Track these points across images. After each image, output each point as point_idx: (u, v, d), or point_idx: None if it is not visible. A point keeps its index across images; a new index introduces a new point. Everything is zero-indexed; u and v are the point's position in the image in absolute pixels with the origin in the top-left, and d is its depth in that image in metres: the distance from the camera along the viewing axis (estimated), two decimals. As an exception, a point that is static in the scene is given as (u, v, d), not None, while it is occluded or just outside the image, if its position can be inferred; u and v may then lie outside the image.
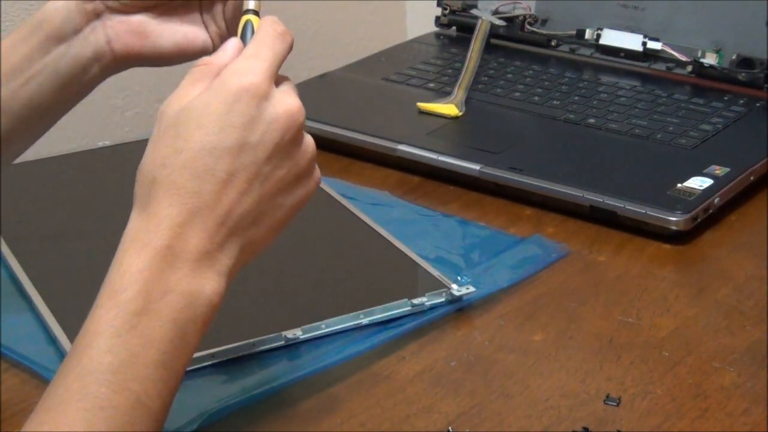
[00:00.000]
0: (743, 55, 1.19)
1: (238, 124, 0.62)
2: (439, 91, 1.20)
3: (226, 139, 0.62)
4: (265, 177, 0.64)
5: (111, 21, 0.76)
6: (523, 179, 1.02)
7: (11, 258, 0.91)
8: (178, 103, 0.63)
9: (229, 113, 0.62)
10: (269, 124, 0.63)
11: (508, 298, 0.88)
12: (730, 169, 1.02)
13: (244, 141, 0.62)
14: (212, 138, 0.62)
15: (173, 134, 0.62)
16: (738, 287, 0.89)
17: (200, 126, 0.62)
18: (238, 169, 0.62)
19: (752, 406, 0.75)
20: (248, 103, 0.63)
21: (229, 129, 0.62)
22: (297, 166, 0.65)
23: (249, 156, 0.63)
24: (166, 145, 0.62)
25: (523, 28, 1.31)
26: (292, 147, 0.65)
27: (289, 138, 0.64)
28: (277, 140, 0.63)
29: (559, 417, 0.75)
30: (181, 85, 0.65)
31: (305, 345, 0.82)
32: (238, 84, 0.63)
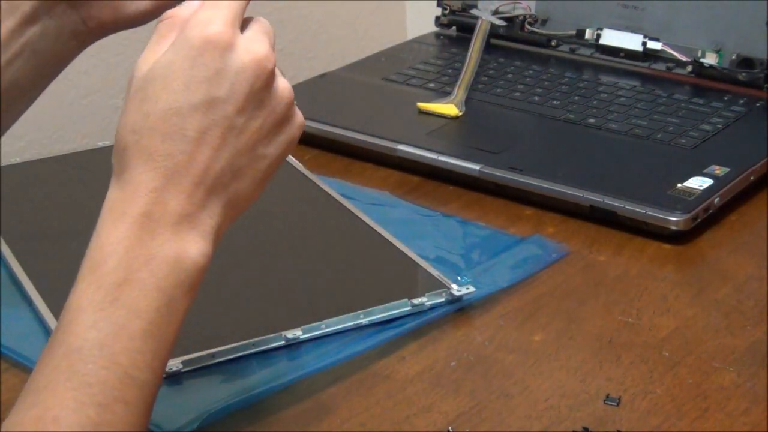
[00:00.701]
0: (743, 55, 1.19)
1: (203, 78, 0.60)
2: (439, 91, 1.20)
3: (192, 97, 0.60)
4: (239, 130, 0.61)
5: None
6: (523, 179, 1.02)
7: (11, 258, 0.91)
8: (145, 65, 0.62)
9: (192, 69, 0.60)
10: (236, 75, 0.61)
11: (508, 298, 0.88)
12: (730, 169, 1.02)
13: (211, 96, 0.60)
14: (178, 97, 0.60)
15: (141, 97, 0.61)
16: (738, 287, 0.89)
17: (165, 86, 0.60)
18: (209, 126, 0.60)
19: (752, 406, 0.75)
20: (212, 55, 0.60)
21: (194, 85, 0.60)
22: (274, 113, 0.63)
23: (219, 111, 0.60)
24: (134, 110, 0.61)
25: (523, 28, 1.31)
26: (265, 95, 0.62)
27: (259, 86, 0.62)
28: (247, 91, 0.61)
29: (559, 417, 0.75)
30: (148, 44, 0.63)
31: (305, 345, 0.82)
32: (200, 36, 0.60)
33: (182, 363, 0.78)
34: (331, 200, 1.01)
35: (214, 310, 0.83)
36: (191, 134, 0.60)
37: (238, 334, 0.81)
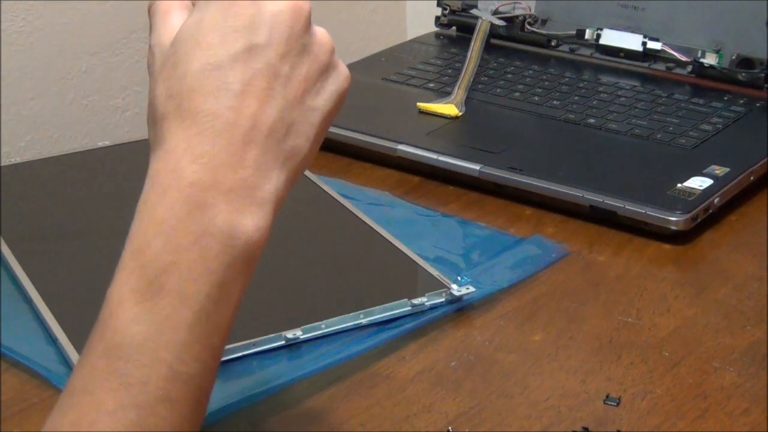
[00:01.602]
0: (743, 55, 1.19)
1: (240, 26, 0.55)
2: (439, 91, 1.20)
3: (230, 47, 0.55)
4: (286, 78, 0.56)
5: None
6: (523, 179, 1.02)
7: (11, 258, 0.91)
8: (167, 36, 0.57)
9: (226, 19, 0.55)
10: (274, 18, 0.56)
11: (508, 298, 0.88)
12: (730, 169, 1.02)
13: (251, 44, 0.55)
14: (216, 51, 0.55)
15: (172, 63, 0.55)
16: (738, 287, 0.89)
17: (198, 43, 0.55)
18: (253, 75, 0.55)
19: (752, 406, 0.75)
20: (245, 3, 0.55)
21: (231, 35, 0.55)
22: (318, 60, 0.58)
23: (261, 58, 0.55)
24: (167, 77, 0.55)
25: (523, 28, 1.31)
26: (307, 39, 0.57)
27: (299, 30, 0.57)
28: (287, 35, 0.56)
29: (559, 417, 0.75)
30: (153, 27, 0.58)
31: (305, 345, 0.82)
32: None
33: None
34: (331, 200, 1.01)
35: None
36: (235, 87, 0.55)
37: (238, 334, 0.81)
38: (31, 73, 1.20)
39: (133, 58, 1.28)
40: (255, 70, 0.55)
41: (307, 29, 0.57)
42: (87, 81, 1.25)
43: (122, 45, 1.27)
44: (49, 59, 1.21)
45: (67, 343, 0.80)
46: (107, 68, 1.26)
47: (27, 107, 1.20)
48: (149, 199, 0.54)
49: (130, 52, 1.27)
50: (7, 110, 1.18)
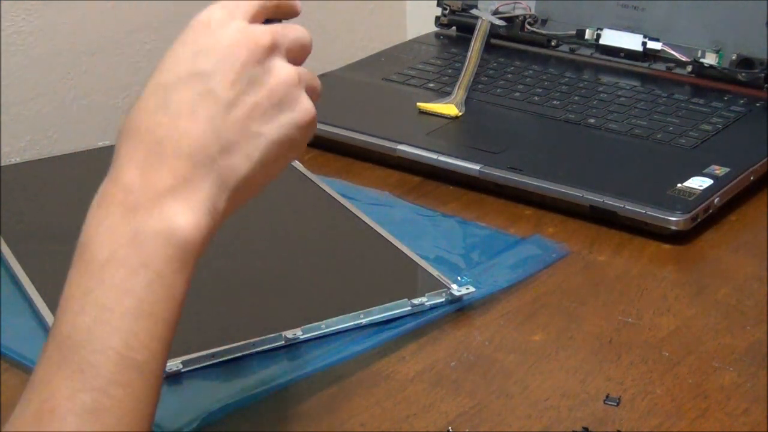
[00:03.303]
0: (743, 55, 1.19)
1: (191, 53, 0.60)
2: (439, 91, 1.20)
3: (178, 70, 0.60)
4: (229, 104, 0.60)
5: None
6: (523, 179, 1.02)
7: (11, 258, 0.91)
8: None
9: (184, 45, 0.61)
10: (225, 49, 0.60)
11: (508, 298, 0.88)
12: (730, 169, 1.02)
13: (197, 69, 0.60)
14: (165, 72, 0.60)
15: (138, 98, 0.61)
16: (738, 287, 0.89)
17: (157, 67, 0.61)
18: (193, 98, 0.59)
19: (752, 406, 0.75)
20: (203, 32, 0.61)
21: (182, 60, 0.60)
22: (272, 92, 0.62)
23: (204, 83, 0.60)
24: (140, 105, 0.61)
25: (523, 28, 1.31)
26: (260, 72, 0.61)
27: (251, 62, 0.61)
28: (237, 66, 0.60)
29: (559, 417, 0.75)
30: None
31: (305, 345, 0.82)
32: (197, 18, 0.61)
33: (182, 363, 0.78)
34: (331, 200, 1.01)
35: (215, 310, 0.83)
36: (174, 107, 0.59)
37: (238, 334, 0.81)
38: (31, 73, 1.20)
39: (133, 58, 1.28)
40: (196, 94, 0.60)
41: (261, 62, 0.61)
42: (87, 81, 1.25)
43: (122, 45, 1.27)
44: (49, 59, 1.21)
45: None
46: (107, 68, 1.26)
47: (27, 107, 1.20)
48: (93, 207, 0.60)
49: (130, 52, 1.27)
50: (7, 110, 1.18)
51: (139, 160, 0.59)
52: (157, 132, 0.59)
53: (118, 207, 0.58)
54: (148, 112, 0.60)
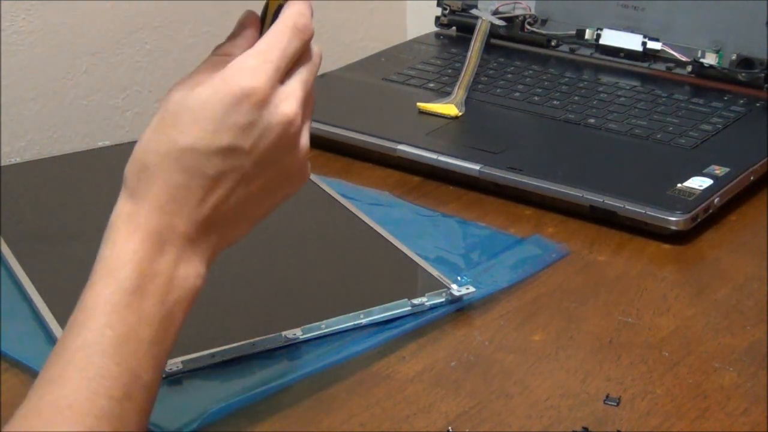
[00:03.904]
0: (743, 55, 1.19)
1: (233, 128, 0.63)
2: (439, 91, 1.20)
3: (218, 141, 0.63)
4: (250, 179, 0.65)
5: None
6: (523, 179, 1.02)
7: (11, 258, 0.91)
8: (184, 89, 0.64)
9: (225, 115, 0.63)
10: (263, 131, 0.64)
11: (508, 298, 0.88)
12: (730, 169, 1.02)
13: (235, 145, 0.63)
14: (206, 137, 0.63)
15: (171, 123, 0.63)
16: (738, 287, 0.89)
17: (196, 122, 0.63)
18: (227, 171, 0.64)
19: (752, 406, 0.75)
20: (246, 108, 0.63)
21: (223, 131, 0.63)
22: (285, 169, 0.67)
23: (239, 160, 0.64)
24: (162, 133, 0.64)
25: (523, 28, 1.31)
26: (284, 154, 0.66)
27: (282, 145, 0.65)
28: (269, 147, 0.65)
29: (559, 417, 0.75)
30: (197, 69, 0.65)
31: (305, 345, 0.82)
32: (240, 86, 0.63)
33: (182, 363, 0.78)
34: (331, 200, 1.01)
35: (215, 310, 0.83)
36: (210, 173, 0.63)
37: (238, 334, 0.81)
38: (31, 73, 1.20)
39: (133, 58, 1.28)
40: (230, 167, 0.64)
41: (290, 144, 0.66)
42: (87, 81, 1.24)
43: (122, 45, 1.26)
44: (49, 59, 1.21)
45: None
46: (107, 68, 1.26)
47: (27, 107, 1.20)
48: (121, 230, 0.64)
49: (130, 52, 1.27)
50: (7, 110, 1.18)
51: (170, 209, 0.63)
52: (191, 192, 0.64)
53: (148, 245, 0.63)
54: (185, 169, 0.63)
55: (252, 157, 0.64)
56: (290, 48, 0.65)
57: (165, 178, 0.63)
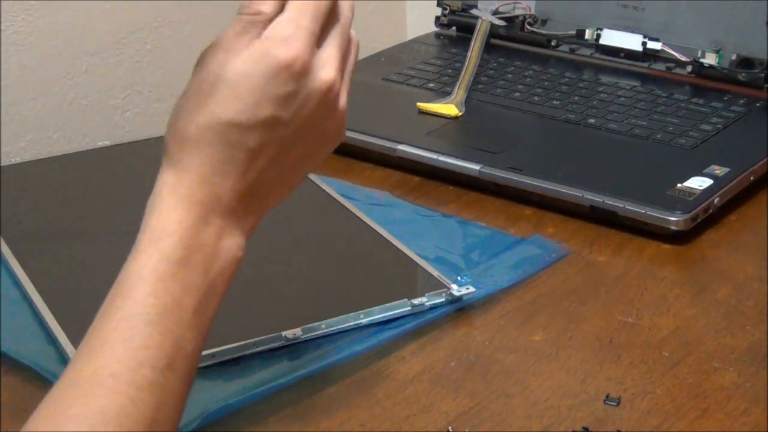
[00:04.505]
0: (743, 55, 1.19)
1: (274, 99, 0.63)
2: (439, 91, 1.20)
3: (259, 113, 0.63)
4: (290, 147, 0.65)
5: None
6: (523, 179, 1.02)
7: (11, 258, 0.91)
8: (222, 56, 0.64)
9: (265, 87, 0.63)
10: (304, 100, 0.64)
11: (508, 298, 0.88)
12: (730, 169, 1.02)
13: (277, 116, 0.64)
14: (247, 111, 0.63)
15: (209, 94, 0.63)
16: (738, 287, 0.89)
17: (237, 95, 0.63)
18: (268, 142, 0.64)
19: (752, 406, 0.75)
20: (286, 79, 0.63)
21: (263, 104, 0.63)
22: (324, 132, 0.67)
23: (280, 130, 0.64)
24: (201, 104, 0.64)
25: (523, 28, 1.31)
26: (323, 119, 0.66)
27: (321, 111, 0.66)
28: (309, 115, 0.65)
29: (559, 417, 0.75)
30: (227, 32, 0.64)
31: (305, 345, 0.82)
32: (278, 58, 0.63)
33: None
34: (331, 200, 1.01)
35: None
36: (251, 146, 0.64)
37: (238, 334, 0.81)
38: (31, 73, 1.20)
39: (133, 58, 1.28)
40: (272, 138, 0.64)
41: (330, 109, 0.66)
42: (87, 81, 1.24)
43: (122, 45, 1.26)
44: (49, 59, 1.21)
45: (66, 342, 0.80)
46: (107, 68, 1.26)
47: (27, 107, 1.20)
48: (165, 200, 0.64)
49: (130, 52, 1.27)
50: (7, 110, 1.18)
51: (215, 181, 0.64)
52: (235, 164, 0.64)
53: (194, 215, 0.63)
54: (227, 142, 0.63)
55: (292, 126, 0.65)
56: (321, 8, 0.65)
57: (207, 150, 0.63)
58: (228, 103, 0.63)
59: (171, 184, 0.64)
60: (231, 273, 0.65)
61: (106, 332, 0.61)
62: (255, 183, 0.65)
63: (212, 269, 0.63)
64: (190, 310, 0.62)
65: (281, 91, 0.63)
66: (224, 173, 0.64)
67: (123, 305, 0.61)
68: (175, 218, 0.63)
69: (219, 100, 0.63)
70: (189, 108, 0.64)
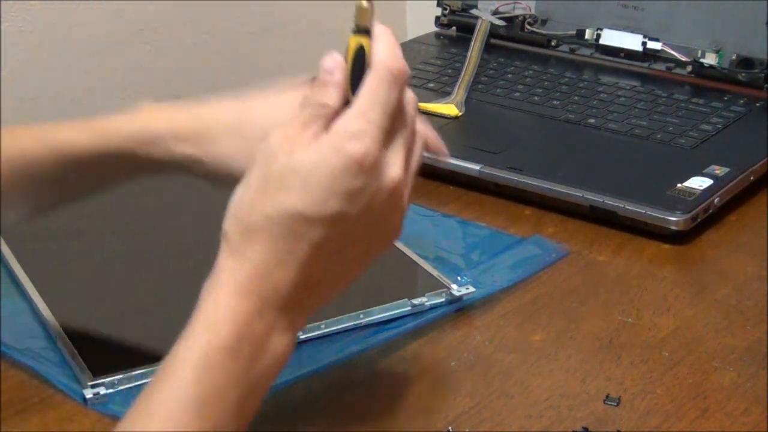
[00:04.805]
0: (743, 55, 1.19)
1: (343, 194, 0.62)
2: (439, 91, 1.20)
3: (328, 207, 0.62)
4: (353, 243, 0.64)
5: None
6: (523, 179, 1.02)
7: (11, 258, 0.91)
8: (288, 146, 0.63)
9: (335, 182, 0.62)
10: (371, 197, 0.63)
11: (508, 298, 0.88)
12: (730, 169, 1.02)
13: (344, 212, 0.62)
14: (316, 204, 0.62)
15: (277, 185, 0.62)
16: (738, 287, 0.89)
17: (307, 188, 0.62)
18: (332, 236, 0.63)
19: (752, 406, 0.75)
20: (355, 175, 0.62)
21: (332, 198, 0.62)
22: (385, 230, 0.66)
23: (345, 225, 0.63)
24: (268, 194, 0.62)
25: (523, 28, 1.31)
26: (387, 216, 0.65)
27: (386, 208, 0.64)
28: (374, 212, 0.64)
29: (559, 417, 0.75)
30: (292, 123, 0.64)
31: (305, 345, 0.82)
32: (348, 153, 0.62)
33: None
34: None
35: None
36: (315, 240, 0.62)
37: None
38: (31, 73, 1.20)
39: (133, 58, 1.28)
40: (336, 232, 0.63)
41: (394, 206, 0.65)
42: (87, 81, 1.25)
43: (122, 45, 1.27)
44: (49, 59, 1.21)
45: (66, 342, 0.80)
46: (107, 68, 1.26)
47: (27, 107, 1.20)
48: (224, 286, 0.62)
49: (130, 52, 1.27)
50: (7, 110, 1.18)
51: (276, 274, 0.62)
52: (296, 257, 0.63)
53: (251, 308, 0.62)
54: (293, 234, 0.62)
55: (357, 222, 0.63)
56: (390, 101, 0.64)
57: (270, 241, 0.62)
58: (297, 195, 0.62)
59: (230, 270, 0.63)
60: (276, 370, 0.64)
61: (147, 413, 0.61)
62: (313, 278, 0.63)
63: (259, 363, 0.62)
64: (233, 402, 0.61)
65: (351, 186, 0.62)
66: (285, 266, 0.62)
67: (166, 387, 0.61)
68: (230, 306, 0.62)
69: (288, 192, 0.62)
70: (254, 197, 0.63)
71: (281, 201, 0.62)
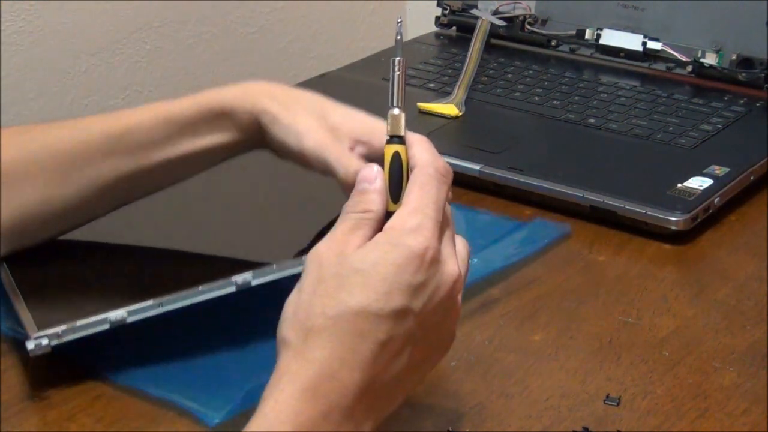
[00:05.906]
0: (743, 55, 1.19)
1: (406, 288, 0.62)
2: (439, 91, 1.20)
3: (391, 303, 0.62)
4: (415, 343, 0.64)
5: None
6: (523, 179, 1.02)
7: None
8: (338, 249, 0.63)
9: (397, 276, 0.62)
10: (433, 291, 0.63)
11: (508, 298, 0.88)
12: (730, 169, 1.02)
13: (407, 306, 0.62)
14: (380, 300, 0.62)
15: (336, 284, 0.62)
16: (738, 287, 0.89)
17: (366, 285, 0.62)
18: (396, 335, 0.62)
19: (752, 406, 0.75)
20: (418, 269, 0.62)
21: (396, 293, 0.62)
22: (443, 332, 0.66)
23: (409, 321, 0.63)
24: (326, 294, 0.62)
25: (523, 28, 1.31)
26: (445, 315, 0.65)
27: (445, 305, 0.65)
28: (435, 308, 0.64)
29: (559, 417, 0.75)
30: (338, 229, 0.64)
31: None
32: (409, 247, 0.62)
33: (127, 312, 0.75)
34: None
35: None
36: (380, 337, 0.62)
37: None
38: (31, 73, 1.20)
39: (133, 58, 1.28)
40: (400, 329, 0.63)
41: (451, 304, 0.65)
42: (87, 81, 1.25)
43: (122, 45, 1.27)
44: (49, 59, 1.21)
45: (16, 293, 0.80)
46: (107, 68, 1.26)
47: (27, 107, 1.20)
48: (286, 387, 0.61)
49: (130, 52, 1.27)
50: (7, 110, 1.18)
51: (340, 376, 0.61)
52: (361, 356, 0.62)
53: (313, 408, 0.61)
54: (356, 333, 0.62)
55: (420, 319, 0.63)
56: (441, 197, 0.66)
57: (334, 340, 0.61)
58: (360, 292, 0.62)
59: (292, 374, 0.62)
60: None
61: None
62: (377, 379, 0.62)
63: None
64: None
65: (413, 280, 0.62)
66: (350, 366, 0.61)
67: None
68: (293, 409, 0.61)
69: (349, 290, 0.62)
70: (311, 300, 0.62)
71: (343, 299, 0.62)
